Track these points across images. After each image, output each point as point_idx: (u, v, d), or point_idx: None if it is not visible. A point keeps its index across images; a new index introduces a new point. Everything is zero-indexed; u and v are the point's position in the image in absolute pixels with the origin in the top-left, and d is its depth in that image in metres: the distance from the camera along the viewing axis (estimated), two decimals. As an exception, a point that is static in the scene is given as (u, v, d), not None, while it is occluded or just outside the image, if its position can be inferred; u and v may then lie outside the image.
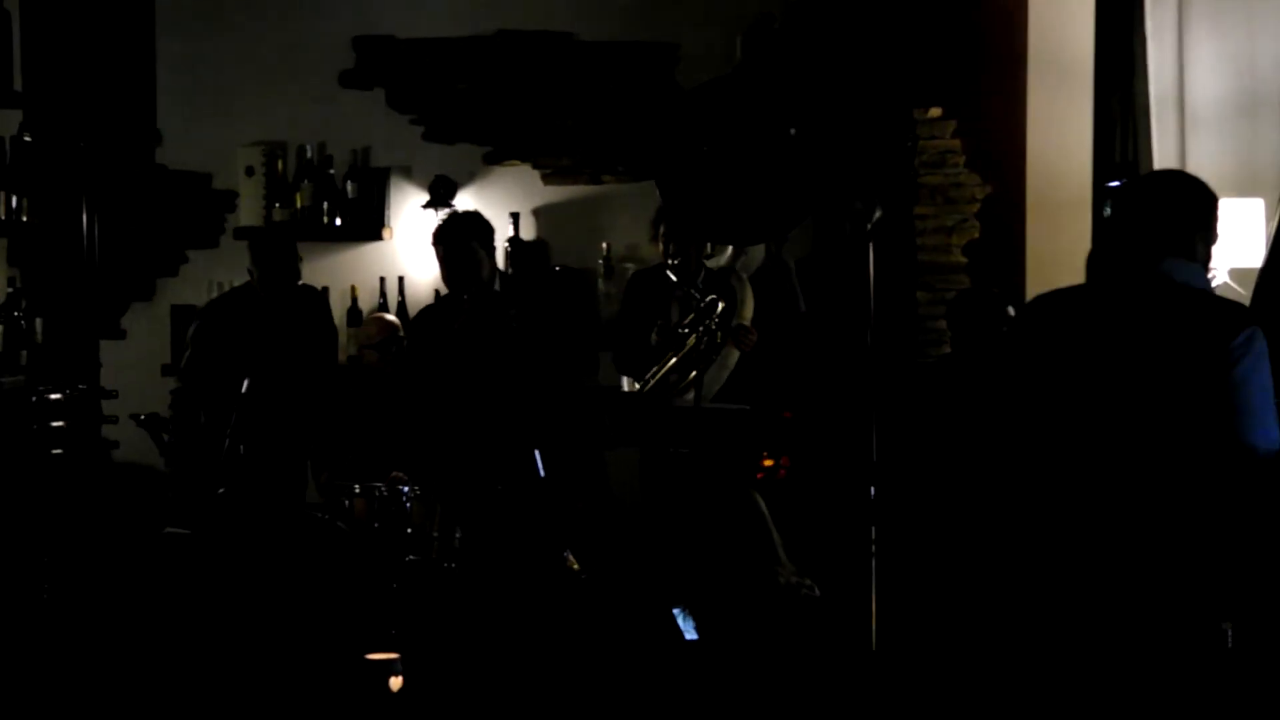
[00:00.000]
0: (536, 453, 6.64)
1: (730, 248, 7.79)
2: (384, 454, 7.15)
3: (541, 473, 6.62)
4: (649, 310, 7.44)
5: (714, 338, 7.12)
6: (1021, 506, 6.90)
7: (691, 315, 7.26)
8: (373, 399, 7.54)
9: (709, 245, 7.64)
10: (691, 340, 7.22)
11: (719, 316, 7.19)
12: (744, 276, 7.51)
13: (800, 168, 6.41)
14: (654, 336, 7.32)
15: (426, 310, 7.52)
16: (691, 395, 7.14)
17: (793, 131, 6.59)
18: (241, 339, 7.39)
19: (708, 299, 7.21)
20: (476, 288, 7.08)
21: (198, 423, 7.25)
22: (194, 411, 7.35)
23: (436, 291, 8.08)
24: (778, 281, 7.49)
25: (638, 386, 7.23)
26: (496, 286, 7.09)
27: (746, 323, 7.33)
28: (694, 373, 7.16)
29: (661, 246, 7.47)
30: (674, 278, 7.37)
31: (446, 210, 8.30)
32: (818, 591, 6.93)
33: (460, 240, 7.09)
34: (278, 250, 7.52)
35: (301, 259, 7.56)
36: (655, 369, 7.21)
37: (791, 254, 7.81)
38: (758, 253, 7.81)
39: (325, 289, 8.17)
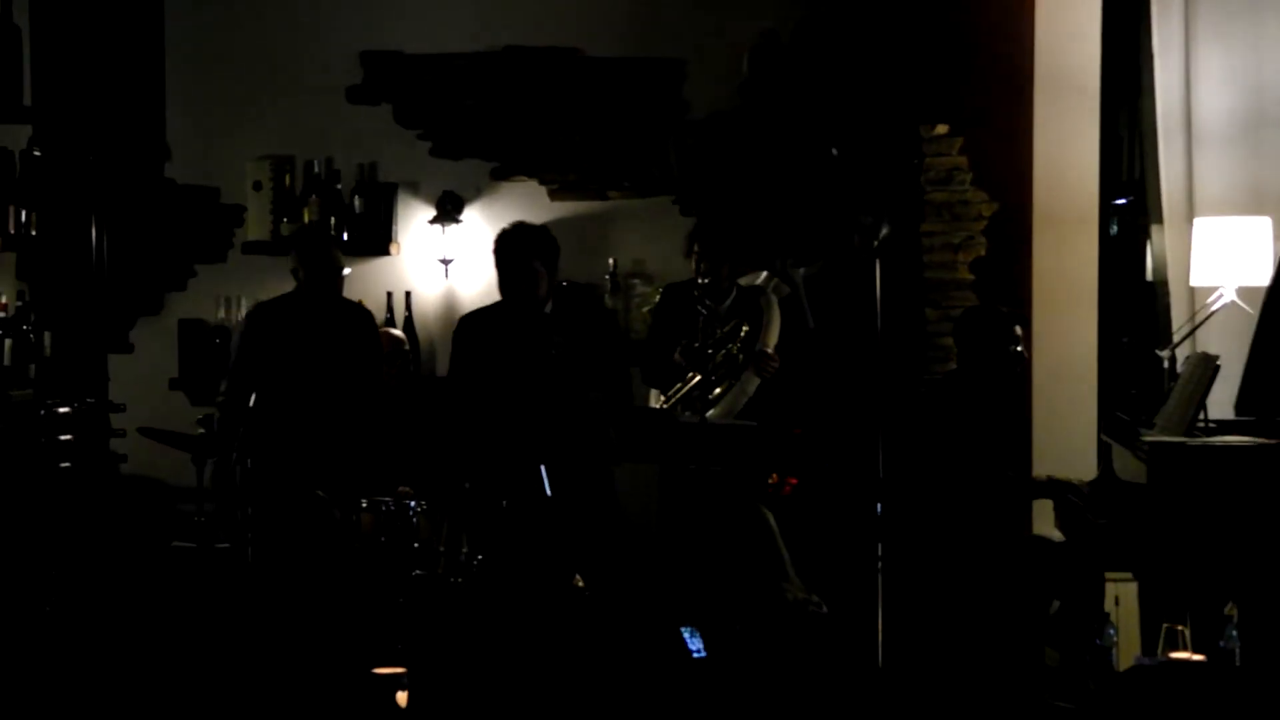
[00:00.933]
0: (543, 470, 6.64)
1: (765, 270, 7.76)
2: (391, 468, 7.14)
3: (548, 491, 6.62)
4: (678, 325, 7.38)
5: (734, 361, 7.11)
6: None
7: (717, 336, 7.24)
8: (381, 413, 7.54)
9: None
10: (713, 363, 7.21)
11: (743, 340, 7.18)
12: (773, 298, 7.42)
13: (839, 189, 6.46)
14: (677, 355, 7.29)
15: (471, 317, 7.43)
16: (697, 411, 7.15)
17: (835, 152, 6.62)
18: (286, 344, 7.33)
19: (731, 322, 7.19)
20: (530, 306, 7.04)
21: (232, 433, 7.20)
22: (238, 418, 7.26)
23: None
24: (786, 299, 7.48)
25: (664, 401, 7.23)
26: (548, 309, 7.04)
27: (770, 347, 7.22)
28: (716, 392, 7.16)
29: (694, 264, 7.41)
30: (699, 296, 7.31)
31: (456, 225, 8.32)
32: (825, 609, 6.93)
33: (520, 257, 7.06)
34: (322, 245, 7.48)
35: (343, 260, 7.55)
36: (679, 386, 7.21)
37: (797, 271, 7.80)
38: (795, 275, 7.78)
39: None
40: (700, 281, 7.29)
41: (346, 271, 7.50)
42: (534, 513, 6.67)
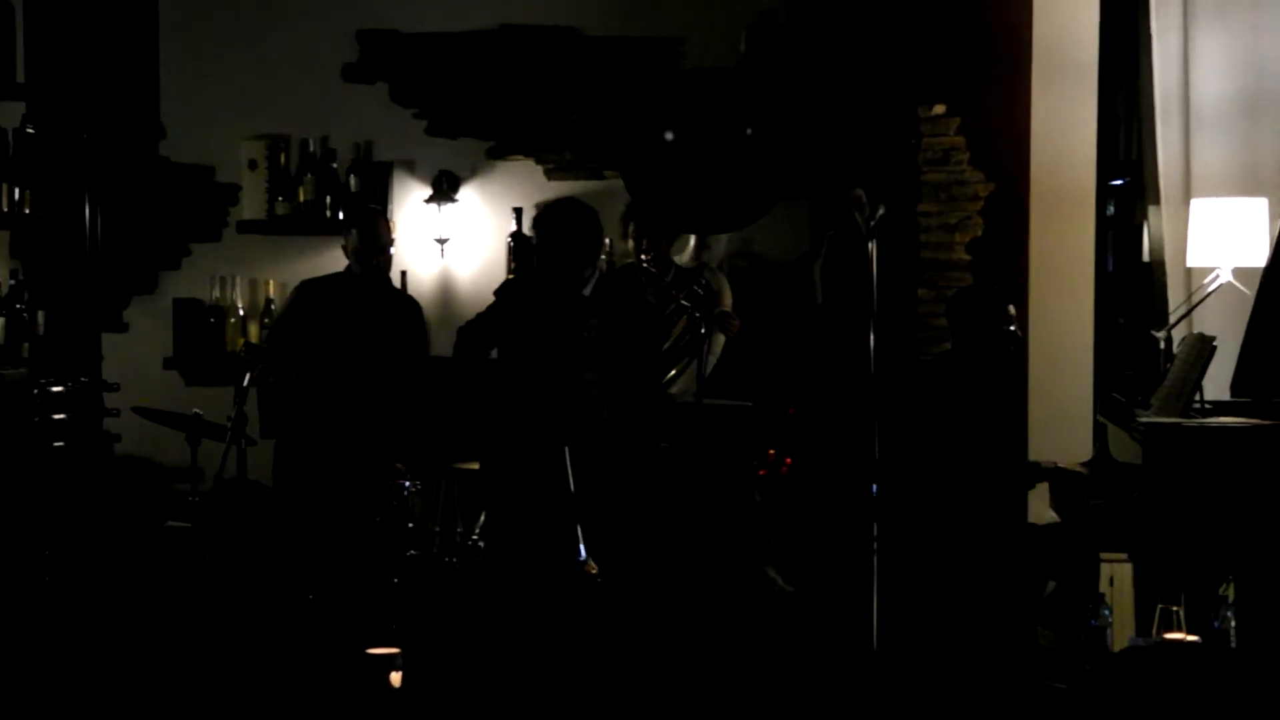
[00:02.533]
0: (567, 457, 6.53)
1: (692, 242, 7.82)
2: (385, 448, 7.12)
3: (571, 483, 6.51)
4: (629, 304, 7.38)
5: (698, 327, 7.10)
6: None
7: (672, 306, 7.25)
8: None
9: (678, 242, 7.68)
10: (676, 331, 7.22)
11: (702, 303, 7.21)
12: (717, 269, 7.58)
13: (758, 164, 6.43)
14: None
15: (511, 284, 7.30)
16: (679, 387, 7.15)
17: (749, 132, 6.59)
18: (332, 324, 7.28)
19: (688, 289, 7.21)
20: (569, 286, 6.79)
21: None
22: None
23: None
24: (803, 275, 7.52)
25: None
26: (587, 291, 6.73)
27: (729, 308, 7.36)
28: (684, 362, 7.17)
29: (633, 244, 7.49)
30: (653, 270, 7.36)
31: (452, 204, 8.29)
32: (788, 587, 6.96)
33: (564, 236, 6.76)
34: (374, 222, 7.41)
35: (393, 239, 7.51)
36: None
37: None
38: (719, 245, 7.85)
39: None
40: (644, 258, 7.35)
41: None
42: (555, 501, 6.59)
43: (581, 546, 6.32)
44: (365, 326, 7.23)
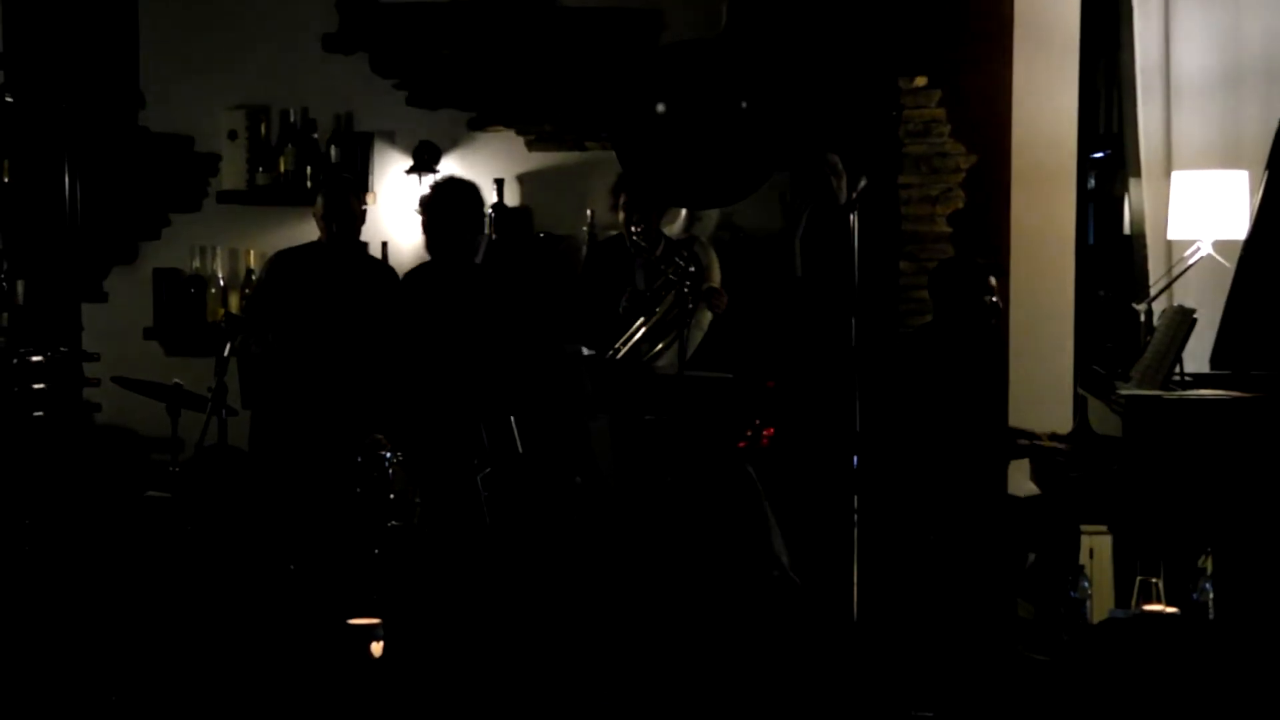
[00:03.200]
0: (513, 424, 6.63)
1: (683, 215, 7.82)
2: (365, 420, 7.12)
3: (520, 448, 6.61)
4: (612, 280, 7.45)
5: (685, 302, 7.12)
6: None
7: (661, 280, 7.27)
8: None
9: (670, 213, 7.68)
10: (664, 305, 7.23)
11: (691, 279, 7.20)
12: (707, 243, 7.56)
13: (753, 137, 6.41)
14: (623, 305, 7.33)
15: (414, 274, 7.45)
16: (665, 361, 7.15)
17: (745, 105, 6.58)
18: (306, 293, 7.33)
19: (674, 264, 7.22)
20: (458, 257, 7.08)
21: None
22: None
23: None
24: (782, 248, 7.52)
25: (610, 354, 7.23)
26: (479, 258, 7.08)
27: (717, 284, 7.35)
28: (670, 336, 7.17)
29: (623, 215, 7.50)
30: (643, 243, 7.39)
31: (433, 176, 8.28)
32: (795, 579, 6.96)
33: (444, 209, 7.10)
34: (344, 190, 7.48)
35: (363, 209, 7.58)
36: (626, 336, 7.22)
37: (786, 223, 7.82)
38: (711, 219, 7.84)
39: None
40: (634, 230, 7.37)
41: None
42: (506, 469, 6.67)
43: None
44: (339, 295, 7.25)
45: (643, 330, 7.22)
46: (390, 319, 7.24)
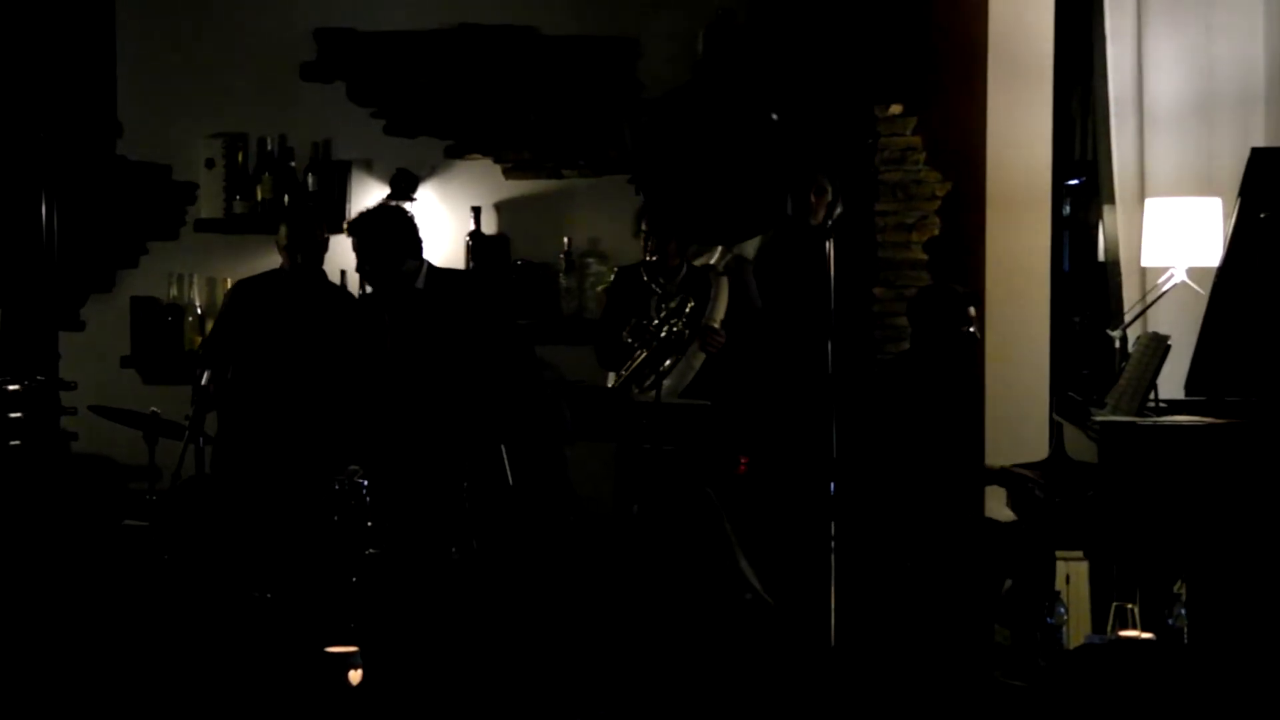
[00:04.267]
0: (504, 453, 6.62)
1: (719, 246, 7.78)
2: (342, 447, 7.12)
3: (510, 479, 6.60)
4: (629, 306, 7.42)
5: (680, 336, 7.13)
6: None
7: (664, 312, 7.27)
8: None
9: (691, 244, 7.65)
10: (660, 338, 7.23)
11: (688, 315, 7.20)
12: (723, 277, 7.47)
13: (781, 153, 6.46)
14: (626, 334, 7.32)
15: (361, 301, 7.46)
16: (664, 392, 7.15)
17: (775, 117, 6.61)
18: (268, 323, 7.32)
19: (677, 298, 7.22)
20: (392, 284, 7.04)
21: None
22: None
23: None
24: (735, 278, 7.49)
25: (616, 380, 7.24)
26: (420, 284, 7.02)
27: (717, 323, 7.28)
28: (667, 367, 7.17)
29: (643, 243, 7.46)
30: (645, 275, 7.37)
31: (410, 203, 8.30)
32: (767, 599, 6.96)
33: (374, 236, 7.05)
34: (307, 220, 7.50)
35: (326, 237, 7.56)
36: (627, 364, 7.22)
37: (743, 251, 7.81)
38: (749, 248, 7.80)
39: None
40: (648, 259, 7.35)
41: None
42: (495, 498, 6.66)
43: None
44: (305, 324, 7.25)
45: (642, 359, 7.21)
46: (352, 345, 7.26)
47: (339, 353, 7.24)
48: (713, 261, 7.60)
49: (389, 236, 6.99)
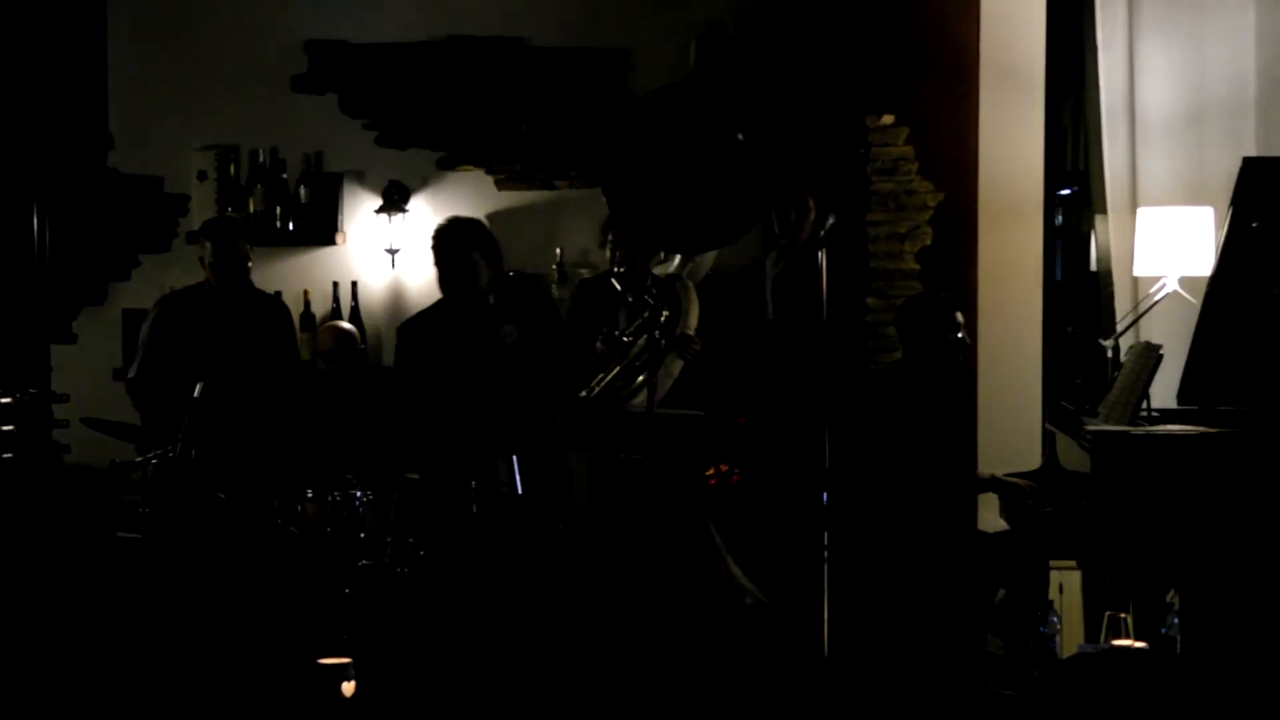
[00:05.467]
0: (515, 463, 6.61)
1: (679, 255, 7.82)
2: (336, 460, 7.12)
3: (519, 488, 6.60)
4: (596, 318, 7.46)
5: (658, 346, 7.14)
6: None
7: (637, 323, 7.28)
8: (326, 406, 7.52)
9: (659, 253, 7.67)
10: (635, 348, 7.24)
11: (664, 324, 7.21)
12: (690, 284, 7.54)
13: (748, 174, 6.44)
14: (599, 344, 7.34)
15: (414, 321, 7.43)
16: (640, 400, 7.15)
17: (741, 137, 6.60)
18: (196, 338, 7.33)
19: (651, 308, 7.24)
20: (474, 299, 7.02)
21: (153, 421, 7.20)
22: (149, 410, 7.30)
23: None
24: (750, 289, 7.51)
25: (583, 394, 7.23)
26: (492, 300, 7.00)
27: (691, 331, 7.35)
28: (639, 379, 7.17)
29: (609, 254, 7.52)
30: (619, 286, 7.40)
31: (402, 215, 8.30)
32: (762, 600, 6.95)
33: (459, 249, 7.05)
34: (231, 235, 7.48)
35: (250, 250, 7.53)
36: (601, 376, 7.23)
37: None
38: (706, 260, 7.83)
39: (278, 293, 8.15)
40: (617, 270, 7.38)
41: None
42: (501, 507, 6.65)
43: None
44: (229, 336, 7.24)
45: (617, 370, 7.23)
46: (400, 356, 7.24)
47: (277, 360, 7.28)
48: (671, 270, 7.68)
49: (472, 254, 7.02)
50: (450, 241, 7.11)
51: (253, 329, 7.39)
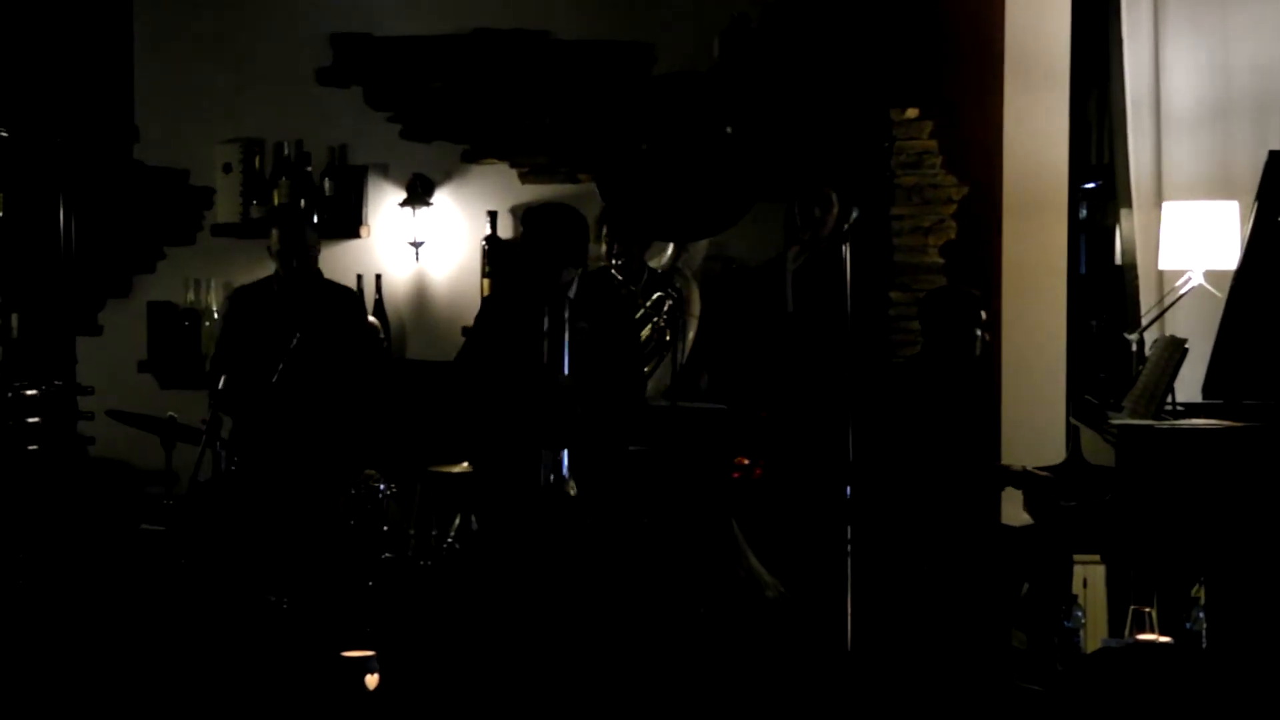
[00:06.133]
0: (565, 458, 6.54)
1: (671, 246, 7.83)
2: (360, 453, 7.13)
3: (570, 484, 6.54)
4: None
5: (663, 335, 7.13)
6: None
7: (640, 313, 7.27)
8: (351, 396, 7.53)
9: (651, 244, 7.68)
10: (642, 336, 7.22)
11: (667, 313, 7.21)
12: (689, 275, 7.55)
13: (737, 165, 6.43)
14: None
15: (495, 299, 7.34)
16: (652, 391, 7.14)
17: (729, 130, 6.58)
18: (268, 330, 7.23)
19: (654, 296, 7.22)
20: (553, 288, 6.64)
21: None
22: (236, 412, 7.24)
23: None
24: (773, 282, 7.49)
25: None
26: (572, 293, 6.57)
27: (695, 318, 7.33)
28: (651, 365, 7.17)
29: (605, 246, 7.50)
30: (619, 277, 7.38)
31: (426, 208, 8.30)
32: (781, 591, 6.94)
33: (546, 239, 6.64)
34: (297, 224, 7.49)
35: (319, 243, 7.54)
36: None
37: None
38: (699, 251, 7.84)
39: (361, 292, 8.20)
40: (615, 263, 7.37)
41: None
42: (551, 501, 6.59)
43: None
44: (301, 326, 7.21)
45: None
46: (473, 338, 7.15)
47: (348, 351, 7.23)
48: (665, 261, 7.72)
49: (565, 241, 6.61)
50: (538, 227, 6.71)
51: (323, 319, 7.29)
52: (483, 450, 6.70)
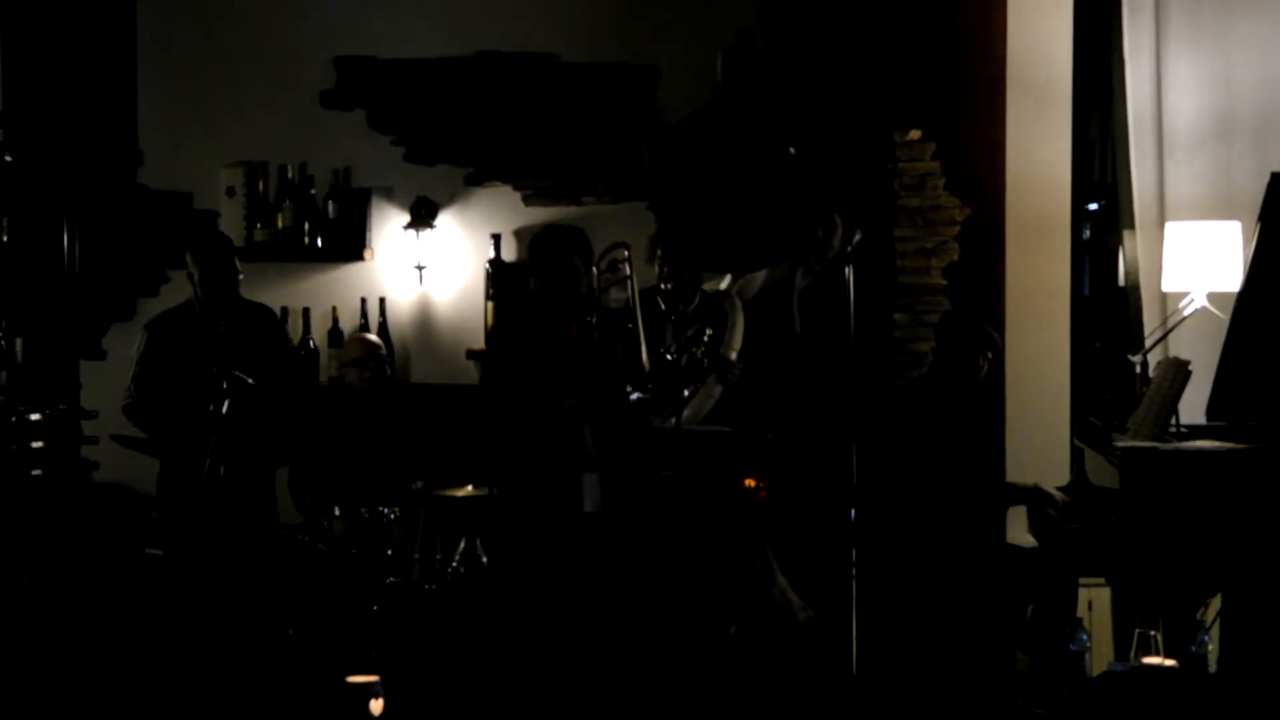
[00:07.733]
0: (585, 481, 6.54)
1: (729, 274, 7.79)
2: (367, 475, 7.12)
3: (591, 505, 6.53)
4: (646, 331, 7.38)
5: (699, 366, 7.11)
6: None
7: (682, 340, 7.25)
8: (354, 418, 7.51)
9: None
10: (679, 366, 7.21)
11: (708, 343, 7.19)
12: (737, 302, 7.48)
13: (797, 187, 6.45)
14: (644, 361, 7.29)
15: (507, 322, 7.30)
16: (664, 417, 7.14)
17: (792, 151, 6.59)
18: (189, 356, 7.24)
19: (695, 325, 7.20)
20: (576, 305, 6.78)
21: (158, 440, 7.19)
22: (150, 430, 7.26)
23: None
24: (779, 303, 7.49)
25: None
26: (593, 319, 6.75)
27: (735, 351, 7.27)
28: (688, 394, 7.15)
29: (657, 269, 7.47)
30: (663, 304, 7.36)
31: (430, 231, 8.31)
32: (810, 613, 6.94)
33: (560, 255, 6.79)
34: (221, 247, 7.43)
35: (240, 267, 7.46)
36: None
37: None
38: (755, 279, 7.80)
39: (284, 310, 8.15)
40: (663, 286, 7.34)
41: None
42: (574, 525, 6.58)
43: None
44: (221, 350, 7.19)
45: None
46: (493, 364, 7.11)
47: (276, 370, 7.25)
48: (723, 288, 7.61)
49: (574, 259, 6.77)
50: (551, 247, 6.85)
51: (244, 341, 7.30)
52: (511, 475, 6.70)
